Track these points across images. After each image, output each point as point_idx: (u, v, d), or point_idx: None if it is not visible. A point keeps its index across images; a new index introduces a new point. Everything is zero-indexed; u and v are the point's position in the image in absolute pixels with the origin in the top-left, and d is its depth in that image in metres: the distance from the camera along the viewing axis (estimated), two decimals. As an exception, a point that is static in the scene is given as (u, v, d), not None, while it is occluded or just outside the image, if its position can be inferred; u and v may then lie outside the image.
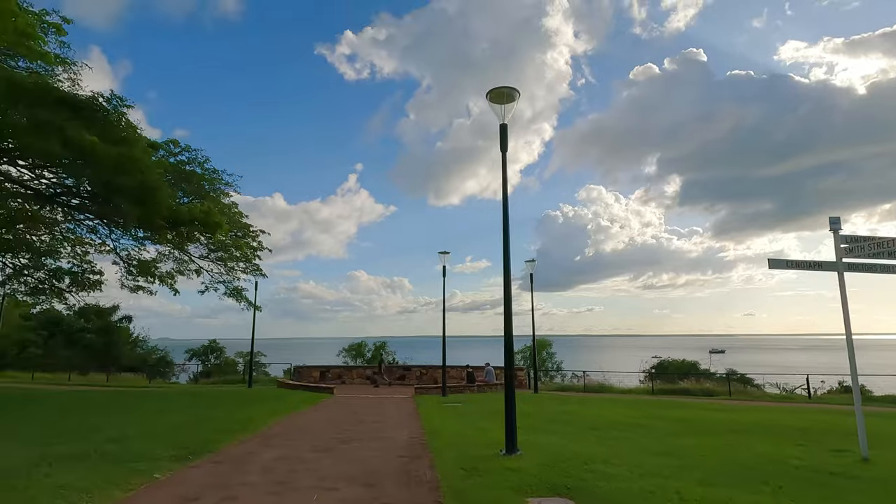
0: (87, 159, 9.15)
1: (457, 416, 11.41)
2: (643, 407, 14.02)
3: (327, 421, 10.94)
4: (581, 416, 11.18)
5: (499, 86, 7.58)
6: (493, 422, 10.26)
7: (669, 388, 22.36)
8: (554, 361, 32.57)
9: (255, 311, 21.67)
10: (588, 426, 9.62)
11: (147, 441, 7.53)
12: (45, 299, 16.41)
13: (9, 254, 14.72)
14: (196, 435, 8.19)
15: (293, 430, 9.35)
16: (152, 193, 10.03)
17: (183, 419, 10.24)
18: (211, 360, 34.09)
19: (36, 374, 30.89)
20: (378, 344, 34.42)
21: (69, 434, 8.21)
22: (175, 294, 17.43)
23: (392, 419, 11.36)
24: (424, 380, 24.18)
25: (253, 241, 20.43)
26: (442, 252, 18.78)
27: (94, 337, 42.47)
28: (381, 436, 8.79)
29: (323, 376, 25.01)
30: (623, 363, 56.57)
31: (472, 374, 20.75)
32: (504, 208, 7.33)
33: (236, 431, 8.78)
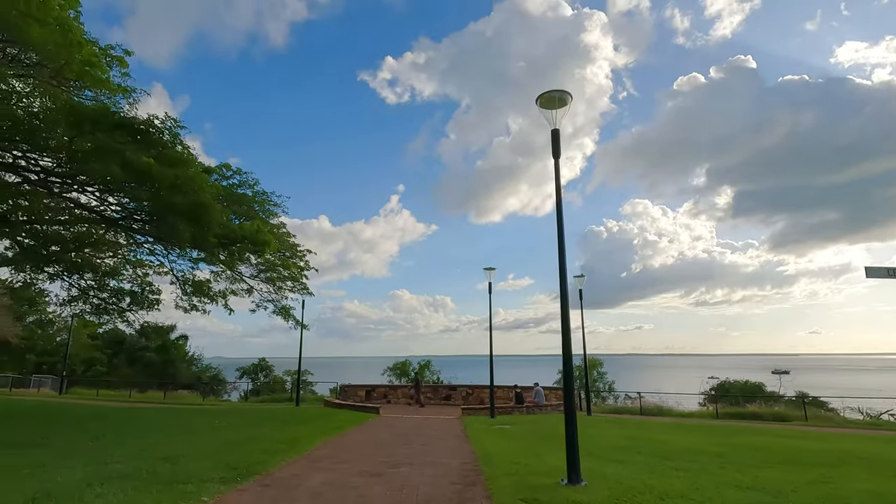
0: (145, 180, 9.52)
1: (508, 440, 10.82)
2: (712, 433, 12.89)
3: (374, 442, 10.62)
4: (646, 442, 10.32)
5: (549, 90, 7.24)
6: (548, 446, 9.63)
7: (736, 412, 20.67)
8: (605, 382, 31.08)
9: (303, 329, 21.89)
10: (657, 454, 8.81)
11: (197, 461, 7.46)
12: (108, 318, 17.19)
13: (75, 274, 15.57)
14: (245, 455, 8.06)
15: (340, 452, 9.08)
16: (205, 211, 10.28)
17: (232, 438, 10.21)
18: (260, 379, 34.80)
19: (100, 390, 32.51)
20: (422, 363, 34.09)
21: (125, 452, 8.29)
22: (230, 313, 17.84)
23: (441, 441, 10.91)
24: (470, 400, 23.56)
25: (300, 260, 20.78)
26: (487, 268, 18.37)
27: (154, 355, 44.53)
28: (431, 460, 8.37)
29: (368, 395, 24.88)
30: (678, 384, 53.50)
31: (520, 394, 19.98)
32: (559, 216, 6.89)
33: (284, 452, 8.60)
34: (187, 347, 47.56)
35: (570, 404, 6.43)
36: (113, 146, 8.95)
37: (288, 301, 20.89)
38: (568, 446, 6.32)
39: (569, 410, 6.41)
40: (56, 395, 29.49)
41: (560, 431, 12.85)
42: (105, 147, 8.94)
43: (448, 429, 13.74)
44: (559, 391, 23.13)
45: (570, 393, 6.48)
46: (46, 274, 16.05)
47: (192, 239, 10.80)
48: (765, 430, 14.45)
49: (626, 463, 7.87)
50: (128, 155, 8.97)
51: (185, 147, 10.83)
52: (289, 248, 20.50)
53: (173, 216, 10.28)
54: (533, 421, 16.12)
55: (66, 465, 6.97)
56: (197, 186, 10.15)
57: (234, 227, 12.08)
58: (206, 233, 11.06)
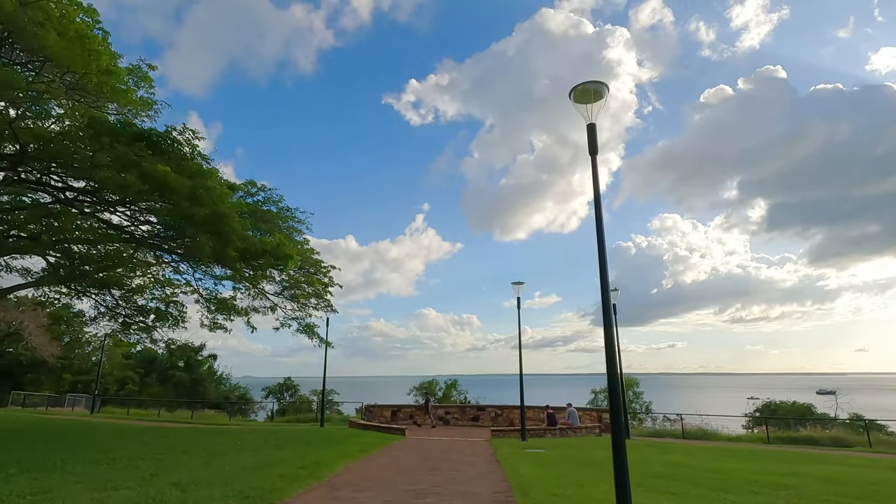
0: (162, 190, 9.35)
1: (544, 466, 9.97)
2: (770, 460, 11.69)
3: (399, 468, 9.94)
4: (697, 471, 9.31)
5: (583, 82, 6.66)
6: (589, 475, 8.77)
7: (788, 437, 19.08)
8: (642, 402, 29.50)
9: (327, 347, 21.50)
10: (714, 486, 7.85)
11: (209, 488, 6.95)
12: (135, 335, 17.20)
13: (101, 292, 15.62)
14: (261, 481, 7.52)
15: (363, 479, 8.44)
16: (224, 222, 10.03)
17: (251, 462, 9.71)
18: (286, 398, 34.52)
19: (131, 409, 32.81)
20: (448, 382, 33.25)
21: (138, 475, 7.87)
22: (252, 331, 17.62)
23: (470, 467, 10.14)
24: (500, 421, 22.58)
25: (324, 276, 20.51)
26: (516, 283, 17.63)
27: (183, 374, 45.00)
28: (460, 489, 7.64)
29: (394, 416, 24.19)
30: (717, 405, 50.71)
31: (552, 415, 18.95)
32: (597, 217, 6.22)
33: (303, 478, 8.03)
34: (216, 367, 47.99)
35: (619, 430, 5.66)
36: (131, 158, 8.82)
37: (312, 319, 20.61)
38: (617, 479, 5.53)
39: (617, 437, 5.64)
40: (88, 413, 29.83)
41: (599, 457, 11.90)
42: (123, 158, 8.82)
43: (477, 452, 12.93)
44: (593, 412, 21.94)
45: (618, 417, 5.71)
46: (74, 291, 16.19)
47: (212, 253, 10.54)
48: (828, 457, 13.09)
49: (682, 496, 6.97)
50: (145, 165, 8.81)
51: (204, 158, 10.68)
52: (312, 265, 20.29)
53: (192, 228, 10.06)
54: (568, 444, 15.11)
55: (73, 492, 6.57)
56: (216, 197, 9.92)
57: (255, 240, 11.83)
58: (227, 246, 10.80)
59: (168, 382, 44.84)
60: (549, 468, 9.64)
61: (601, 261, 6.10)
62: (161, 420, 26.57)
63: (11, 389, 36.96)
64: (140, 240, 15.63)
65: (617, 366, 5.86)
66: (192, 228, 10.13)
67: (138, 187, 9.19)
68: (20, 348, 37.09)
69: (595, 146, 6.68)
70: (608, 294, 6.07)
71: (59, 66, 9.30)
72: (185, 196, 9.51)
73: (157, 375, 46.05)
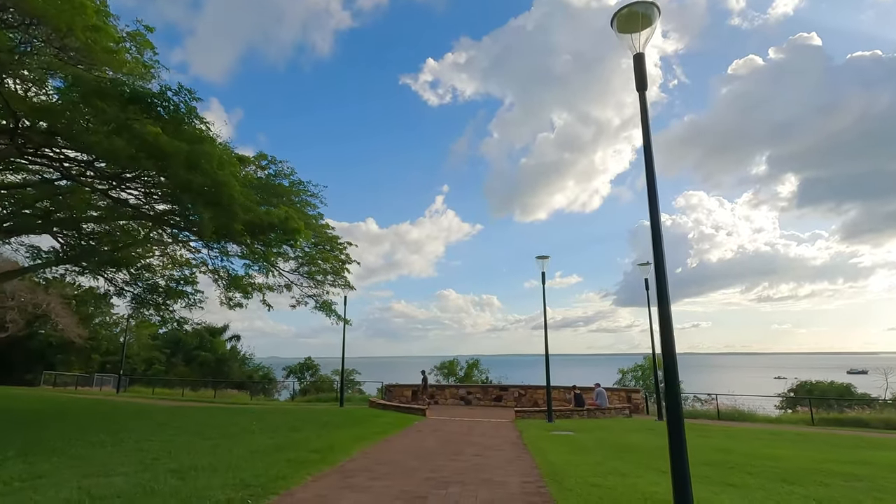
0: (157, 156, 8.64)
1: (576, 451, 9.16)
2: (826, 446, 10.64)
3: (419, 451, 9.26)
4: (750, 458, 8.35)
5: (628, 3, 5.57)
6: (629, 462, 7.91)
7: (835, 419, 17.86)
8: (672, 382, 28.35)
9: (345, 325, 21.00)
10: (775, 476, 6.90)
11: (211, 474, 6.34)
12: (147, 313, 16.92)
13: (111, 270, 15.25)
14: (268, 467, 6.90)
15: (379, 464, 7.76)
16: (225, 191, 9.29)
17: (262, 444, 9.15)
18: (307, 378, 34.52)
19: (156, 389, 33.27)
20: (470, 361, 32.64)
21: (139, 459, 7.34)
22: (269, 309, 17.15)
23: (496, 451, 9.40)
24: (524, 402, 21.88)
25: (340, 253, 19.86)
26: (540, 257, 16.65)
27: (208, 355, 45.64)
28: (485, 477, 6.88)
29: (415, 395, 23.71)
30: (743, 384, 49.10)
31: (580, 396, 18.11)
32: (647, 162, 5.20)
33: (314, 463, 7.38)
34: (239, 347, 48.55)
35: (677, 416, 4.75)
36: (122, 121, 8.11)
37: (329, 296, 20.06)
38: (676, 471, 4.65)
39: (674, 424, 4.74)
40: (114, 393, 30.29)
41: (636, 441, 11.02)
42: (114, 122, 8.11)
43: (502, 434, 12.21)
44: (622, 393, 21.02)
45: (675, 402, 4.80)
46: (87, 270, 15.89)
47: (217, 227, 9.86)
48: (889, 441, 11.94)
49: (743, 489, 6.05)
50: (135, 127, 8.08)
51: (203, 121, 9.91)
52: (328, 241, 19.63)
53: (190, 197, 9.37)
54: (598, 426, 14.27)
55: (63, 477, 6.04)
56: (216, 164, 9.17)
57: (260, 213, 11.11)
58: (231, 220, 10.10)
59: (193, 363, 45.56)
60: (583, 453, 8.81)
61: (653, 216, 5.11)
62: (184, 399, 26.72)
63: (43, 370, 37.89)
64: (155, 218, 15.13)
65: (672, 342, 4.91)
66: (189, 198, 9.44)
67: (128, 152, 8.49)
68: (49, 330, 37.90)
69: (644, 80, 5.64)
70: (662, 255, 5.09)
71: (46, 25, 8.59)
72: (181, 162, 8.80)
73: (182, 356, 46.80)
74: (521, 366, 68.16)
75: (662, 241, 5.14)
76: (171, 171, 9.18)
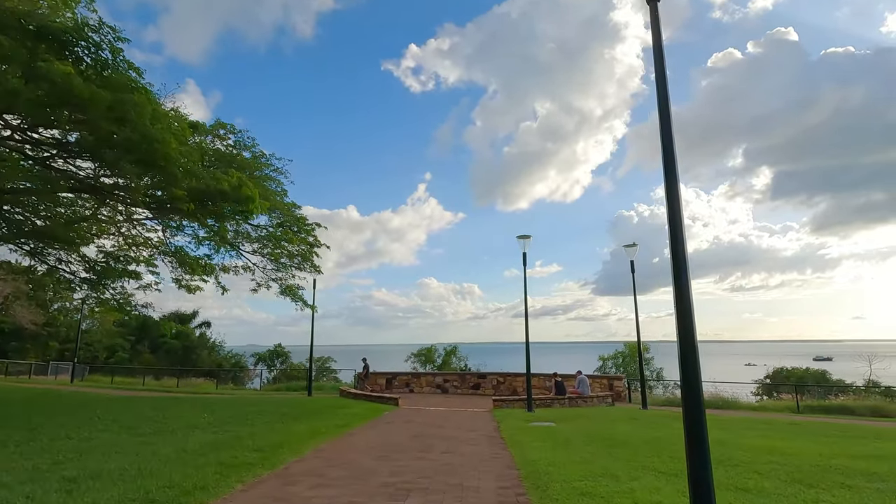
0: (71, 103, 7.20)
1: (560, 446, 8.16)
2: (828, 437, 9.89)
3: (383, 448, 8.15)
4: (752, 453, 7.46)
5: None
6: (619, 459, 6.92)
7: (821, 406, 17.41)
8: (653, 369, 27.92)
9: (313, 311, 19.68)
10: (787, 475, 5.98)
11: (112, 485, 5.10)
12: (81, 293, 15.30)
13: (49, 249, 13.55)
14: (191, 472, 5.68)
15: (331, 465, 6.61)
16: (159, 150, 7.87)
17: (199, 442, 7.90)
18: (277, 365, 33.10)
19: (116, 378, 31.43)
20: (448, 349, 31.64)
21: (35, 465, 6.03)
22: (223, 293, 15.73)
23: (470, 447, 8.35)
24: (502, 389, 20.98)
25: (308, 234, 18.46)
26: (521, 236, 15.59)
27: (175, 342, 43.66)
28: (455, 481, 5.80)
29: (389, 384, 22.60)
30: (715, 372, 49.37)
31: (561, 383, 17.25)
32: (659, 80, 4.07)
33: (250, 466, 6.18)
34: (209, 334, 46.66)
35: (697, 407, 3.70)
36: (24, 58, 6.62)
37: (296, 280, 18.69)
38: (695, 482, 3.59)
39: (694, 416, 3.68)
40: (68, 382, 28.41)
41: (625, 433, 10.03)
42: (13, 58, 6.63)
43: (478, 427, 11.19)
44: (604, 380, 20.27)
45: (696, 392, 3.73)
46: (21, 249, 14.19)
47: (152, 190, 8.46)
48: (890, 431, 11.30)
49: (760, 495, 5.09)
50: (41, 65, 6.64)
51: (132, 67, 8.42)
52: (295, 221, 18.19)
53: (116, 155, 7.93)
54: (580, 416, 13.38)
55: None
56: (147, 117, 7.74)
57: (206, 178, 9.70)
58: (171, 185, 8.69)
59: (160, 350, 43.56)
60: (567, 449, 7.81)
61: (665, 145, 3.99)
62: (142, 389, 25.10)
63: (-6, 358, 35.54)
64: (98, 190, 13.50)
65: (692, 323, 3.84)
66: (114, 155, 8.00)
67: (30, 96, 7.01)
68: (1, 316, 35.52)
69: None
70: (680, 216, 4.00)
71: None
72: (102, 113, 7.36)
73: (148, 343, 44.73)
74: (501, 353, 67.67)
75: (679, 189, 4.04)
76: (89, 122, 7.70)
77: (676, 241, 3.94)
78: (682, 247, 3.93)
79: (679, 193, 4.03)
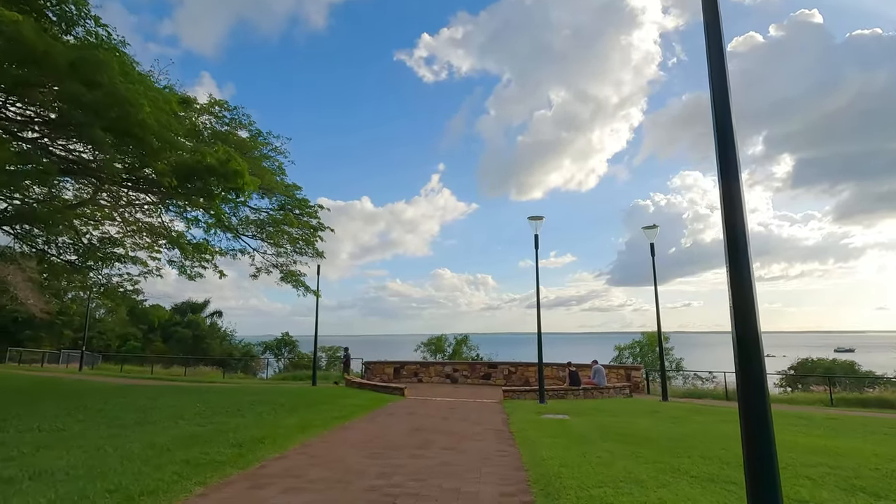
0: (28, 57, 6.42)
1: (574, 442, 7.29)
2: (874, 434, 8.86)
3: (378, 444, 7.37)
4: (799, 454, 6.48)
5: None
6: (643, 460, 6.01)
7: (856, 399, 16.24)
8: (672, 359, 26.79)
9: (317, 297, 19.03)
10: (844, 482, 5.03)
11: (49, 487, 4.39)
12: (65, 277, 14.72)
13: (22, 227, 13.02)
14: (150, 472, 4.95)
15: (314, 464, 5.84)
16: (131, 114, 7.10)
17: (176, 435, 7.20)
18: (284, 354, 32.71)
19: (126, 366, 31.37)
20: (459, 338, 30.87)
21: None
22: (220, 277, 15.07)
23: (474, 443, 7.54)
24: (513, 379, 20.16)
25: (311, 217, 17.73)
26: (533, 217, 14.62)
27: (186, 331, 43.67)
28: (451, 485, 4.98)
29: (397, 373, 21.93)
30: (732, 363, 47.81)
31: (575, 373, 16.34)
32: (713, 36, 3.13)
33: (220, 465, 5.45)
34: (220, 323, 46.59)
35: (760, 398, 2.77)
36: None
37: (297, 266, 18.04)
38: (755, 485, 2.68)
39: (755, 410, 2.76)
40: (76, 370, 28.35)
41: (646, 428, 9.10)
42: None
43: (485, 419, 10.37)
44: (621, 370, 19.30)
45: (759, 381, 2.81)
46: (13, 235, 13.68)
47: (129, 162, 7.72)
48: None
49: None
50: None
51: (100, 23, 7.63)
52: (297, 205, 17.47)
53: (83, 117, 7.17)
54: (597, 408, 12.48)
55: None
56: (113, 75, 6.95)
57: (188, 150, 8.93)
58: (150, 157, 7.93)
59: (171, 339, 43.64)
60: (582, 446, 6.94)
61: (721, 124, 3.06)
62: (149, 377, 24.82)
63: (9, 346, 35.81)
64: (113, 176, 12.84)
65: (755, 308, 2.89)
66: (80, 117, 7.26)
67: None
68: (14, 305, 35.72)
69: None
70: (736, 158, 3.06)
71: None
72: (64, 71, 6.62)
73: (160, 332, 44.87)
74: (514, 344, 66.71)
75: (738, 161, 3.10)
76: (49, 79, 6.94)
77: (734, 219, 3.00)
78: (741, 225, 2.99)
79: (738, 165, 3.09)
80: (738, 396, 2.84)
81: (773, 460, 2.67)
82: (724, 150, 3.07)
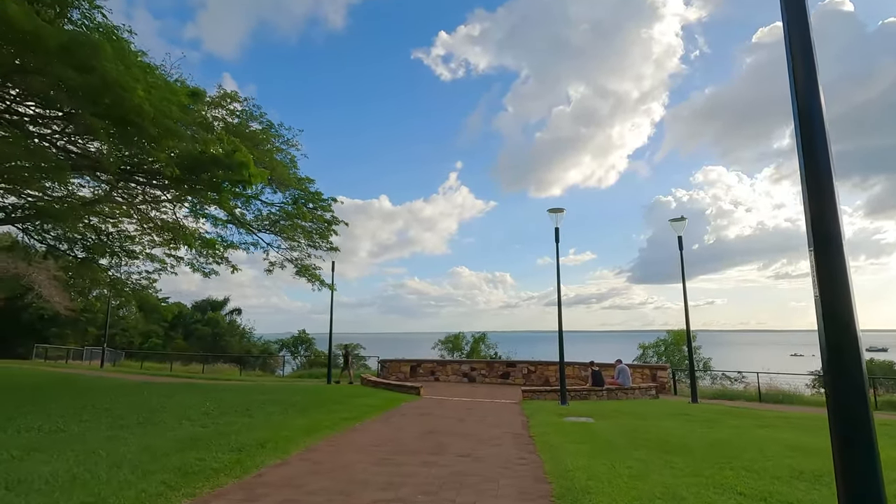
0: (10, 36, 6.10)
1: (600, 450, 6.67)
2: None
3: (388, 448, 6.88)
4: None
5: None
6: (679, 471, 5.36)
7: (903, 401, 15.14)
8: (700, 358, 25.74)
9: (332, 292, 18.70)
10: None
11: (34, 495, 4.00)
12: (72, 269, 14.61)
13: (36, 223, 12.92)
14: (133, 482, 4.54)
15: (316, 472, 5.37)
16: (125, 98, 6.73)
17: (175, 437, 6.83)
18: (300, 352, 32.62)
19: (146, 363, 31.72)
20: (476, 336, 30.31)
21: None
22: (233, 271, 14.83)
23: (491, 448, 6.98)
24: (533, 379, 19.51)
25: (325, 211, 17.36)
26: (553, 210, 13.96)
27: (206, 329, 44.11)
28: (464, 500, 4.44)
29: (413, 371, 21.49)
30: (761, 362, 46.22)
31: (598, 373, 15.61)
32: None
33: (214, 473, 5.01)
34: (239, 321, 46.92)
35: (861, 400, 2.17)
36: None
37: (312, 260, 17.72)
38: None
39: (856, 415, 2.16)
40: (98, 367, 28.71)
41: (675, 433, 8.37)
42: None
43: (504, 421, 9.80)
44: (646, 370, 18.49)
45: (859, 388, 2.21)
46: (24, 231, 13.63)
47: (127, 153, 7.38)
48: None
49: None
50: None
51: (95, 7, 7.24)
52: (310, 198, 17.11)
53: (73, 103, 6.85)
54: (622, 411, 11.78)
55: None
56: (106, 58, 6.58)
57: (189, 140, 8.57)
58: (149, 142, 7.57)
59: (192, 337, 44.13)
60: (610, 455, 6.32)
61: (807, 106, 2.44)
62: (168, 374, 24.92)
63: (36, 343, 36.66)
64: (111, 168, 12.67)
65: (850, 287, 2.28)
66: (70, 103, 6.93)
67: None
68: (40, 302, 36.47)
69: None
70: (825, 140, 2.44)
71: None
72: (56, 53, 6.28)
73: (182, 329, 45.45)
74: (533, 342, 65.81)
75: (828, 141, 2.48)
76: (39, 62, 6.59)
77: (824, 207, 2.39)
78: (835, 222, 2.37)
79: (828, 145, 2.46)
80: (828, 406, 2.24)
81: (876, 478, 2.07)
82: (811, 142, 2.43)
